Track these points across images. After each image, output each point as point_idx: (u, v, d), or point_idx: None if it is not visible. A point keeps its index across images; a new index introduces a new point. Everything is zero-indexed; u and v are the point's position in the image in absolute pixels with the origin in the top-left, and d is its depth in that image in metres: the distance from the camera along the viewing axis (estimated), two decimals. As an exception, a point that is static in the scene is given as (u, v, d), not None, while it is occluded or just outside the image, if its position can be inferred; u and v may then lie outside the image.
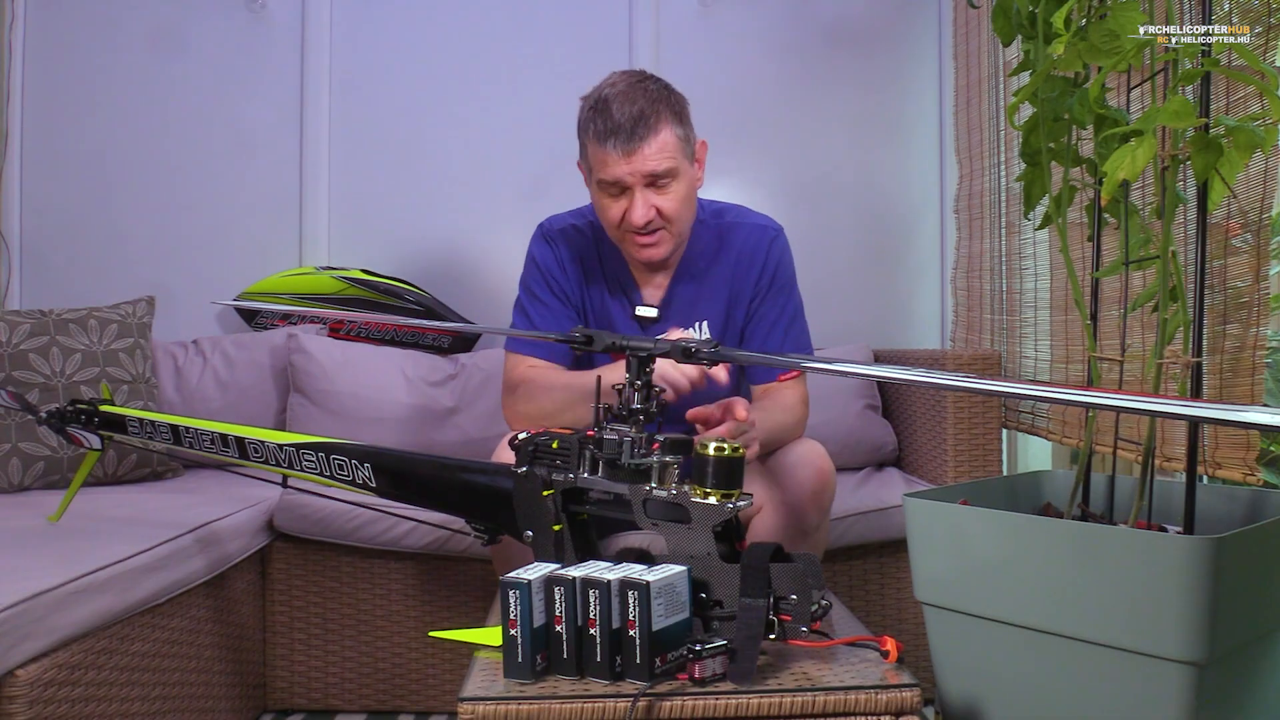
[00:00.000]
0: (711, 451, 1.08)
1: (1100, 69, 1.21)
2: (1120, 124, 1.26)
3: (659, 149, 1.55)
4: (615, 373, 1.48)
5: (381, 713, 2.07)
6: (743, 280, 1.71)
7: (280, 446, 1.47)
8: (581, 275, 1.73)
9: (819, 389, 2.41)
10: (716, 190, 2.84)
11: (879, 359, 2.59)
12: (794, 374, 1.69)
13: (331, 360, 2.44)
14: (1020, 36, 1.34)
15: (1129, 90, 1.50)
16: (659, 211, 1.59)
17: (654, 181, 1.57)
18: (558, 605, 1.05)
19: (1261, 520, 1.18)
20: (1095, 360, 1.39)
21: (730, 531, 1.12)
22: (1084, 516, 1.34)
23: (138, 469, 2.24)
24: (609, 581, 1.03)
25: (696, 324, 1.73)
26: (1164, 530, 1.21)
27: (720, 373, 1.47)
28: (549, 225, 1.77)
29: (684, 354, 1.18)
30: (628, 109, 1.54)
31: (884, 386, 2.53)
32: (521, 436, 1.24)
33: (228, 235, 2.81)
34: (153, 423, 1.64)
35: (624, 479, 1.15)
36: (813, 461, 1.55)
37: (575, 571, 1.06)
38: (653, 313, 1.70)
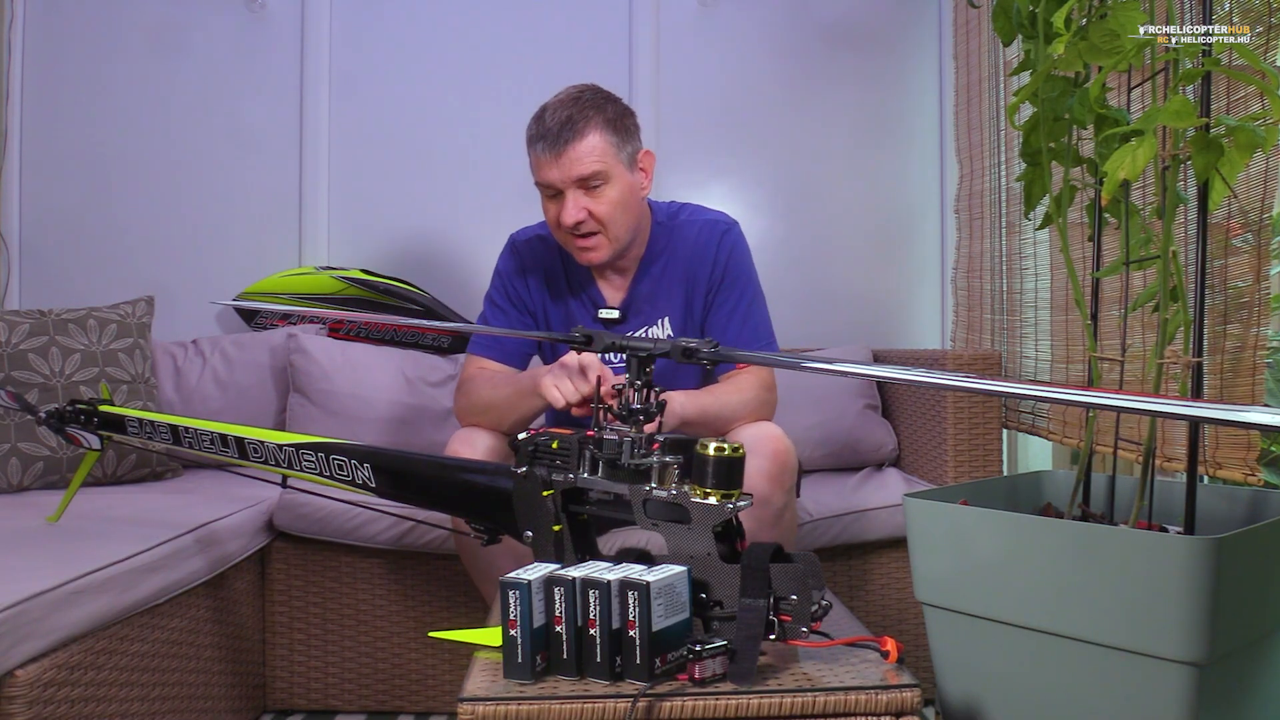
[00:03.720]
0: (711, 451, 1.08)
1: (1100, 69, 1.21)
2: (1121, 124, 1.26)
3: (586, 152, 1.62)
4: (545, 374, 1.53)
5: (381, 713, 2.07)
6: (697, 274, 1.76)
7: (280, 446, 1.47)
8: (544, 282, 1.81)
9: (819, 389, 2.42)
10: (716, 189, 2.85)
11: (879, 359, 2.59)
12: None
13: (331, 360, 2.44)
14: (1020, 36, 1.34)
15: (1129, 90, 1.50)
16: (591, 214, 1.65)
17: (584, 184, 1.63)
18: (558, 605, 1.05)
19: (1262, 520, 1.18)
20: (1095, 360, 1.39)
21: (730, 531, 1.12)
22: (1084, 516, 1.34)
23: (137, 469, 2.24)
24: (609, 582, 1.03)
25: (659, 320, 1.78)
26: (1164, 530, 1.21)
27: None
28: (517, 237, 1.86)
29: (684, 354, 1.18)
30: (558, 115, 1.63)
31: (884, 386, 2.53)
32: (521, 437, 1.24)
33: (228, 235, 2.81)
34: (152, 423, 1.64)
35: (624, 479, 1.15)
36: (766, 445, 1.54)
37: (575, 572, 1.06)
38: (615, 314, 1.75)
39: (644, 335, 1.77)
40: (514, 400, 1.63)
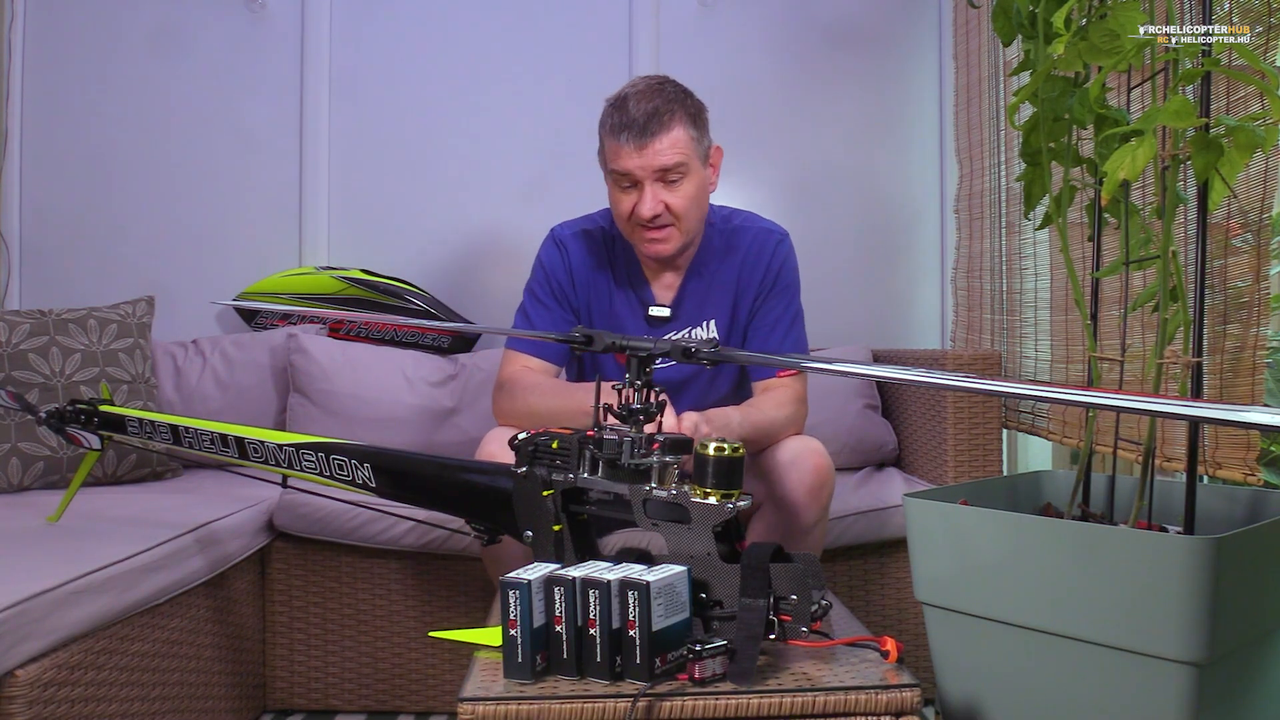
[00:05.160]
0: (711, 451, 1.08)
1: (1100, 69, 1.21)
2: (1120, 124, 1.26)
3: (670, 144, 1.61)
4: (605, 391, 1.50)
5: (381, 713, 2.07)
6: (748, 281, 1.75)
7: (280, 446, 1.47)
8: (590, 277, 1.77)
9: (818, 389, 2.42)
10: (717, 189, 2.84)
11: (879, 359, 2.59)
12: (792, 372, 1.71)
13: (331, 360, 2.44)
14: (1020, 36, 1.34)
15: (1129, 90, 1.50)
16: (668, 207, 1.63)
17: (664, 177, 1.62)
18: (558, 605, 1.05)
19: (1261, 520, 1.18)
20: (1095, 360, 1.39)
21: (730, 531, 1.12)
22: (1084, 516, 1.34)
23: (138, 469, 2.24)
24: (609, 582, 1.03)
25: (705, 323, 1.76)
26: (1164, 530, 1.21)
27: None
28: (560, 231, 1.81)
29: (684, 354, 1.18)
30: (644, 105, 1.60)
31: (884, 386, 2.53)
32: (521, 437, 1.24)
33: (228, 235, 2.81)
34: (152, 423, 1.64)
35: (624, 479, 1.15)
36: (809, 459, 1.56)
37: (575, 572, 1.06)
38: (666, 312, 1.73)
39: (688, 335, 1.76)
40: (569, 418, 1.57)
